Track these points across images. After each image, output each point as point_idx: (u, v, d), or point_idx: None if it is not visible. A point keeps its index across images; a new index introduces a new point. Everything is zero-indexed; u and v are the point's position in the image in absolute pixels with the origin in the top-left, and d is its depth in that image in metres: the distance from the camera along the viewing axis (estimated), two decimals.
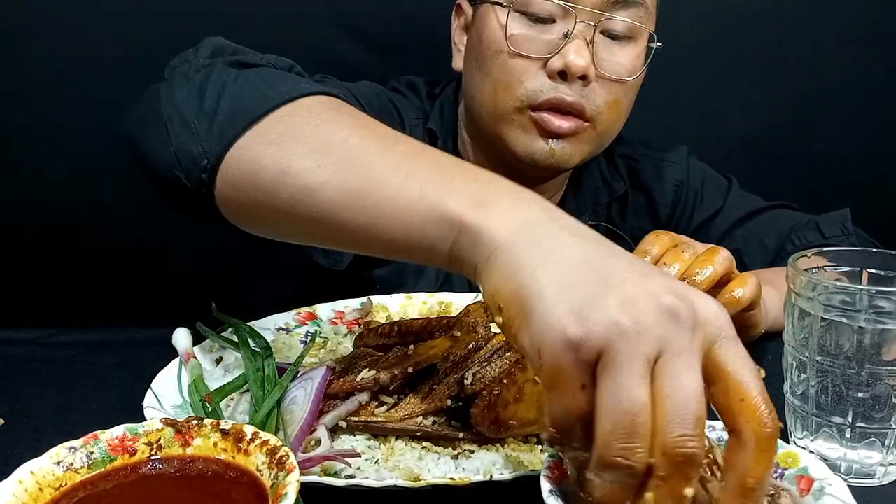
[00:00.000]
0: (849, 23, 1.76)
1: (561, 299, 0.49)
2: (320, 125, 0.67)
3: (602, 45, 1.07)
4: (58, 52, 1.59)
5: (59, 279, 1.70)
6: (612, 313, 0.47)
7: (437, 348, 0.78)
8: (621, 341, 0.47)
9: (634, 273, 0.50)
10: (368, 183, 0.61)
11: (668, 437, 0.46)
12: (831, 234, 1.23)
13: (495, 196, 0.57)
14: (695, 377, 0.47)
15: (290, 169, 0.65)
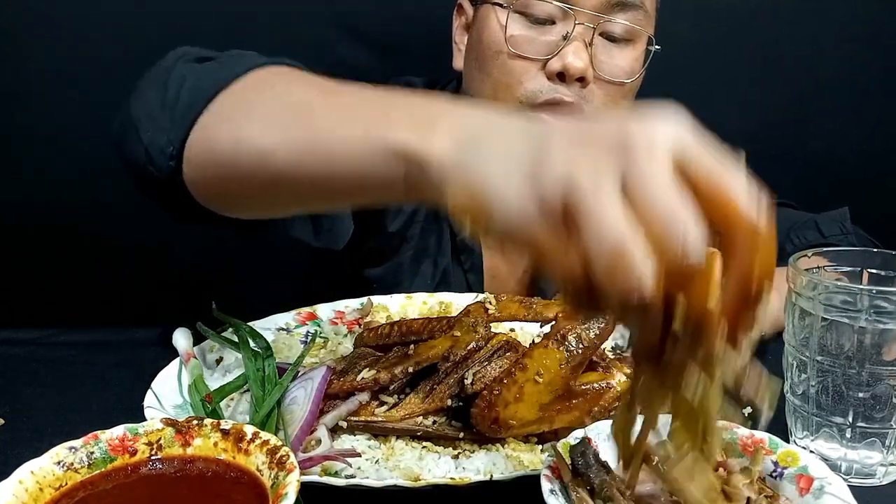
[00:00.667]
0: (846, 22, 1.76)
1: (510, 181, 0.48)
2: (267, 92, 0.71)
3: (601, 47, 1.07)
4: (58, 52, 1.59)
5: (59, 279, 1.70)
6: (560, 167, 0.46)
7: (437, 348, 0.78)
8: (579, 187, 0.45)
9: (573, 126, 0.50)
10: (316, 135, 0.63)
11: (671, 247, 0.44)
12: (830, 232, 1.23)
13: (432, 121, 0.57)
14: (670, 187, 0.45)
15: (243, 137, 0.67)
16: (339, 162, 0.62)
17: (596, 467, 0.62)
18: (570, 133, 0.49)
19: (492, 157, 0.51)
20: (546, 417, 0.75)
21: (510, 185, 0.48)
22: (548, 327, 0.79)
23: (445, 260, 1.23)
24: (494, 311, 0.85)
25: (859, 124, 1.82)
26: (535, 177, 0.47)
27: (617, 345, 0.97)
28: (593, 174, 0.45)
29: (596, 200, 0.45)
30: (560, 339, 0.75)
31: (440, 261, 1.23)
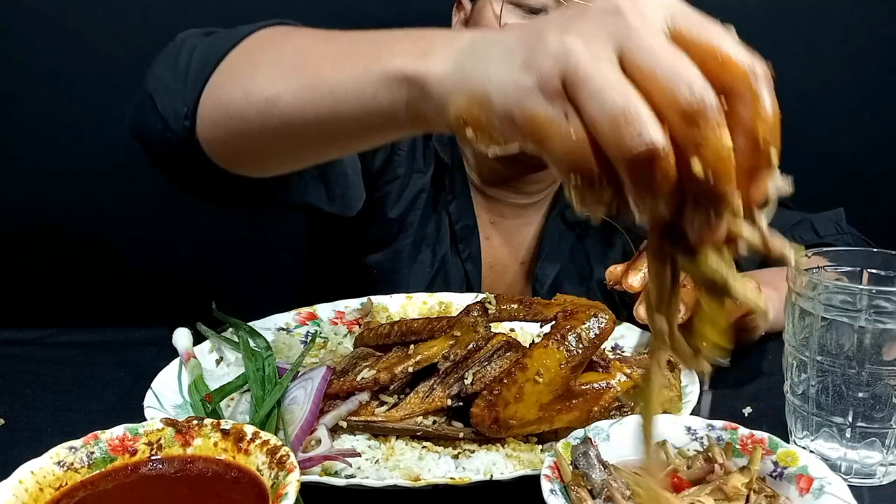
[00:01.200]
0: (846, 23, 1.76)
1: (506, 69, 0.48)
2: (270, 48, 0.75)
3: None
4: (58, 52, 1.59)
5: (59, 279, 1.70)
6: (555, 45, 0.46)
7: (437, 348, 0.78)
8: (576, 57, 0.45)
9: (563, 14, 0.51)
10: (319, 77, 0.66)
11: (683, 97, 0.43)
12: (826, 232, 1.23)
13: (430, 46, 0.58)
14: (667, 46, 0.45)
15: (251, 89, 0.71)
16: (342, 98, 0.63)
17: (597, 467, 0.62)
18: (563, 17, 0.49)
19: (489, 59, 0.51)
20: (546, 417, 0.75)
21: (509, 73, 0.48)
22: (548, 327, 0.79)
23: (444, 248, 1.24)
24: (494, 311, 0.85)
25: (859, 125, 1.82)
26: (532, 58, 0.47)
27: (617, 345, 0.97)
28: (589, 44, 0.45)
29: (595, 67, 0.44)
30: (560, 339, 0.75)
31: (438, 249, 1.24)
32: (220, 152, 0.78)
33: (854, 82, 1.79)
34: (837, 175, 1.84)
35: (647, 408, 0.54)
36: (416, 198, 1.22)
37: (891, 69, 1.79)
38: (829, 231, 1.23)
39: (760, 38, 1.92)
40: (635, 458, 0.68)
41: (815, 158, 1.84)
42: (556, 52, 0.46)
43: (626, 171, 0.45)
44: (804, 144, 1.82)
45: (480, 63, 0.52)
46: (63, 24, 1.59)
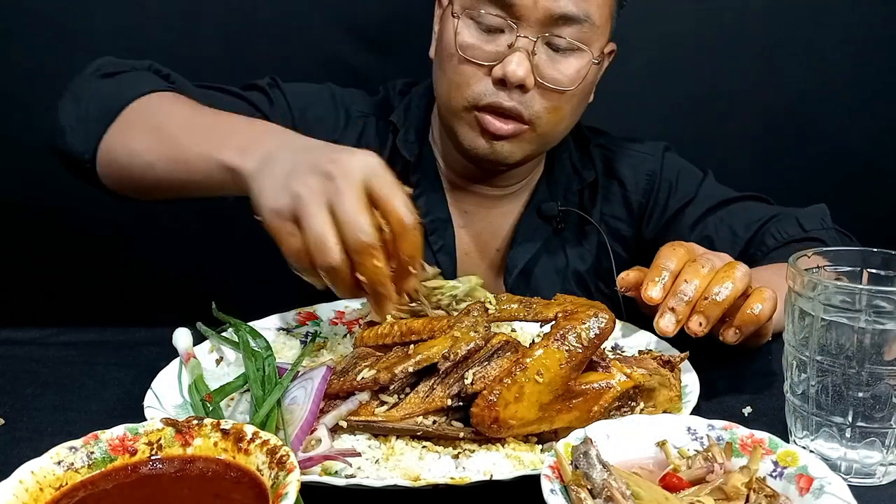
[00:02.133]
0: (846, 23, 1.76)
1: (271, 191, 0.81)
2: (149, 118, 1.02)
3: (545, 56, 1.12)
4: (58, 52, 1.59)
5: (59, 279, 1.70)
6: (293, 189, 0.79)
7: (437, 348, 0.78)
8: (300, 201, 0.78)
9: (309, 160, 0.81)
10: (179, 152, 0.95)
11: (352, 240, 0.77)
12: (811, 227, 1.24)
13: (249, 145, 0.88)
14: (355, 202, 0.77)
15: (134, 153, 1.00)
16: (193, 171, 0.94)
17: (597, 467, 0.62)
18: (305, 166, 0.80)
19: (269, 177, 0.82)
20: (546, 417, 0.75)
21: (272, 195, 0.81)
22: (548, 327, 0.79)
23: None
24: (494, 311, 0.85)
25: (859, 125, 1.82)
26: (283, 191, 0.80)
27: (617, 345, 0.97)
28: (311, 196, 0.78)
29: (308, 210, 0.77)
30: (560, 338, 0.75)
31: None
32: (114, 186, 1.06)
33: (854, 82, 1.79)
34: (837, 174, 1.84)
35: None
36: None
37: (891, 69, 1.79)
38: (815, 226, 1.24)
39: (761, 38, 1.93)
40: (635, 458, 0.68)
41: (815, 158, 1.84)
42: (292, 196, 0.79)
43: (322, 271, 0.79)
44: (804, 144, 1.83)
45: (265, 177, 0.83)
46: (63, 24, 1.59)
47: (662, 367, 0.81)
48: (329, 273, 0.78)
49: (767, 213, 1.28)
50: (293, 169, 0.81)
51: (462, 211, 1.30)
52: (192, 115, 1.01)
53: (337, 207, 0.77)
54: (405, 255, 0.80)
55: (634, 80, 1.74)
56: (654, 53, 1.75)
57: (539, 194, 1.32)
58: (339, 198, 0.77)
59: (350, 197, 0.77)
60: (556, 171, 1.33)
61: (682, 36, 1.75)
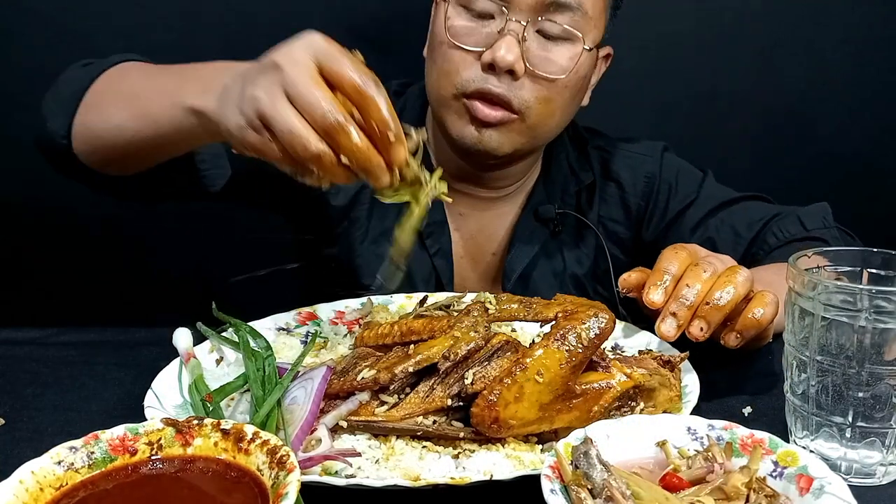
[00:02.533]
0: (846, 23, 1.76)
1: (233, 112, 0.77)
2: (115, 84, 1.03)
3: (536, 43, 1.11)
4: (58, 52, 1.59)
5: (59, 279, 1.70)
6: (248, 95, 0.75)
7: (437, 348, 0.78)
8: (259, 102, 0.74)
9: (255, 65, 0.77)
10: (145, 110, 0.94)
11: (320, 123, 0.72)
12: (813, 226, 1.24)
13: (207, 85, 0.85)
14: (310, 83, 0.73)
15: (104, 119, 1.00)
16: (162, 123, 0.92)
17: (597, 467, 0.62)
18: (254, 71, 0.77)
19: (228, 103, 0.79)
20: (546, 417, 0.75)
21: (234, 116, 0.78)
22: (548, 327, 0.79)
23: None
24: (494, 311, 0.85)
25: (859, 125, 1.82)
26: (240, 106, 0.77)
27: (617, 345, 0.97)
28: (267, 92, 0.74)
29: (270, 109, 0.73)
30: (560, 338, 0.75)
31: None
32: (90, 160, 1.04)
33: (854, 82, 1.79)
34: (837, 174, 1.84)
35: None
36: (358, 192, 1.25)
37: (891, 69, 1.79)
38: (816, 224, 1.24)
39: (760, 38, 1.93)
40: (635, 458, 0.68)
41: (814, 158, 1.84)
42: (250, 99, 0.75)
43: (309, 163, 0.74)
44: (804, 144, 1.83)
45: (225, 107, 0.80)
46: (63, 24, 1.59)
47: (662, 367, 0.81)
48: (316, 163, 0.74)
49: (769, 212, 1.28)
50: (244, 79, 0.78)
51: (457, 213, 1.29)
52: (157, 74, 1.01)
53: (293, 95, 0.73)
54: (376, 122, 0.74)
55: (634, 79, 1.74)
56: (654, 53, 1.75)
57: (536, 196, 1.30)
58: (293, 84, 0.73)
59: (303, 79, 0.73)
60: (553, 172, 1.32)
61: (681, 36, 1.76)
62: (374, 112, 0.74)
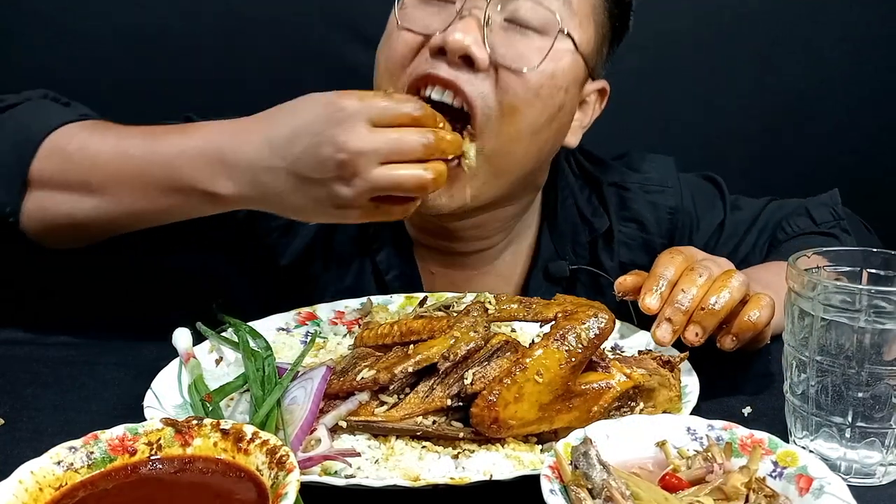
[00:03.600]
0: (844, 23, 1.76)
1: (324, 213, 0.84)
2: (77, 158, 0.90)
3: (503, 30, 0.94)
4: (58, 52, 1.59)
5: (60, 279, 1.69)
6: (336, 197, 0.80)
7: (437, 348, 0.78)
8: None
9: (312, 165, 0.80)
10: (131, 190, 0.88)
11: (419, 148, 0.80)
12: (822, 219, 1.20)
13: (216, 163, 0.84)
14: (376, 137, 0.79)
15: (74, 204, 0.91)
16: (158, 200, 0.88)
17: (597, 467, 0.62)
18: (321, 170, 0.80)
19: (295, 208, 0.84)
20: (546, 417, 0.75)
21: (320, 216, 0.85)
22: (548, 327, 0.79)
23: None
24: (494, 311, 0.85)
25: (858, 124, 1.82)
26: (328, 211, 0.83)
27: (617, 345, 0.97)
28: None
29: (373, 183, 0.80)
30: (560, 339, 0.75)
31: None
32: (42, 240, 0.96)
33: (853, 81, 1.79)
34: (836, 174, 1.84)
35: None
36: (307, 248, 1.14)
37: (890, 68, 1.79)
38: (825, 218, 1.20)
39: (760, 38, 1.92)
40: (635, 458, 0.68)
41: (814, 157, 1.84)
42: (349, 202, 0.81)
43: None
44: (803, 143, 1.83)
45: (287, 208, 0.85)
46: (63, 24, 1.59)
47: (662, 367, 0.81)
48: (433, 184, 0.82)
49: (787, 209, 1.24)
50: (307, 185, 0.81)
51: (428, 272, 1.15)
52: (119, 138, 0.91)
53: (386, 155, 0.79)
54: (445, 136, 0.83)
55: (633, 79, 1.74)
56: (653, 53, 1.75)
57: (543, 251, 1.16)
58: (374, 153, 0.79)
59: (374, 142, 0.79)
60: (561, 223, 1.17)
61: (680, 35, 1.75)
62: (430, 121, 0.82)
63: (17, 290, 1.67)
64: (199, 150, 0.85)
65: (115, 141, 0.90)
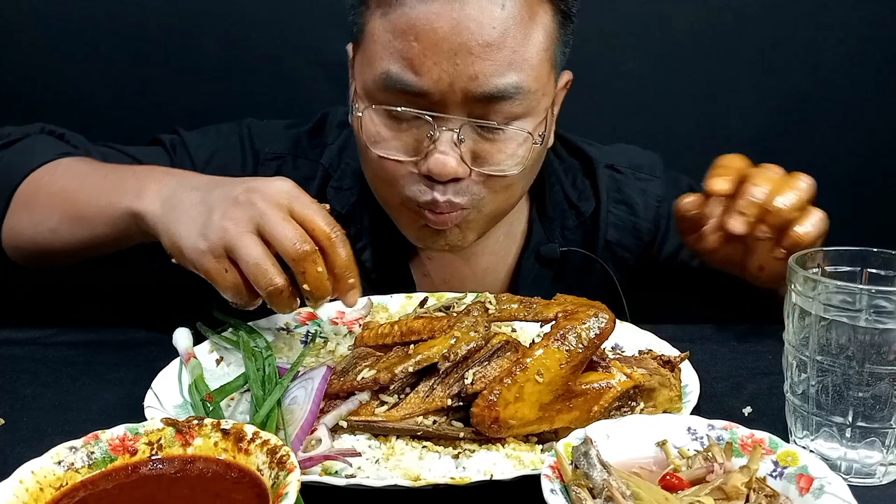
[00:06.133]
0: (845, 24, 1.76)
1: (192, 233, 0.82)
2: (50, 183, 1.01)
3: (475, 138, 0.97)
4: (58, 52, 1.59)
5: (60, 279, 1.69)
6: (219, 224, 0.81)
7: (437, 348, 0.78)
8: (228, 234, 0.80)
9: (223, 195, 0.83)
10: (80, 213, 0.96)
11: (292, 252, 0.79)
12: None
13: (146, 187, 0.90)
14: (284, 220, 0.80)
15: (38, 223, 1.00)
16: (98, 225, 0.95)
17: (597, 467, 0.62)
18: (223, 200, 0.82)
19: (180, 219, 0.84)
20: (546, 417, 0.75)
21: (191, 238, 0.82)
22: (548, 327, 0.79)
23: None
24: (494, 310, 0.85)
25: (859, 125, 1.82)
26: (204, 231, 0.81)
27: (617, 345, 0.97)
28: (237, 224, 0.80)
29: (241, 241, 0.80)
30: (560, 338, 0.75)
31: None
32: (22, 261, 1.07)
33: (853, 82, 1.79)
34: (837, 174, 1.84)
35: None
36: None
37: (890, 69, 1.79)
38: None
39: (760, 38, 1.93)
40: (635, 458, 0.68)
41: (814, 158, 1.84)
42: (220, 229, 0.80)
43: (264, 294, 0.81)
44: (803, 143, 1.83)
45: (175, 220, 0.85)
46: (63, 24, 1.59)
47: (662, 367, 0.81)
48: (271, 294, 0.81)
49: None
50: (211, 206, 0.82)
51: (425, 258, 1.18)
52: (88, 173, 1.00)
53: (268, 229, 0.80)
54: (339, 268, 0.82)
55: (634, 79, 1.74)
56: (654, 53, 1.75)
57: (535, 236, 1.19)
58: (268, 220, 0.80)
59: (278, 217, 0.80)
60: (549, 209, 1.20)
61: (681, 35, 1.76)
62: (338, 259, 0.82)
63: (18, 290, 1.67)
64: (140, 179, 0.93)
65: (77, 174, 1.01)
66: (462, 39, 0.91)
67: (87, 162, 1.05)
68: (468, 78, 0.92)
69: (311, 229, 0.81)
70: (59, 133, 1.13)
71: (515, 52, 0.94)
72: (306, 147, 1.20)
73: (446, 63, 0.92)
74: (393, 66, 0.94)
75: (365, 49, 0.99)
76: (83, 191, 0.98)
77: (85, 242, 0.98)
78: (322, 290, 0.82)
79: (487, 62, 0.92)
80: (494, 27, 0.92)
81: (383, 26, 0.95)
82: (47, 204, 1.00)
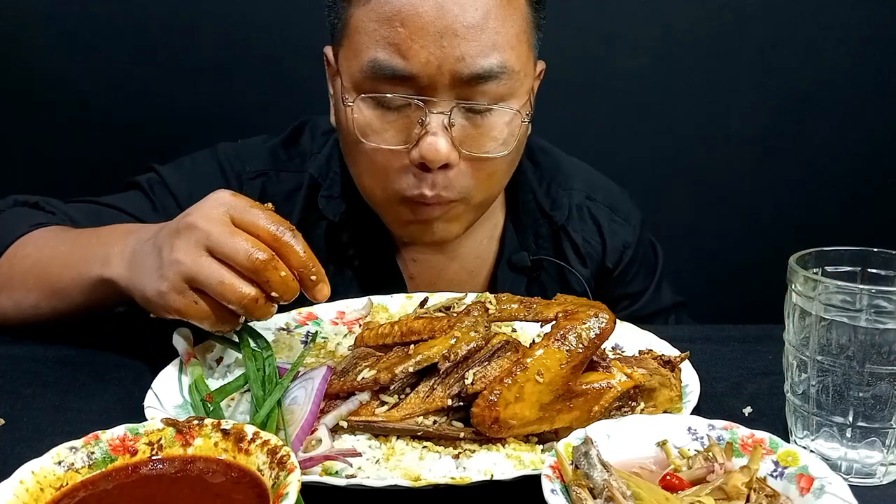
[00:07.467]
0: (844, 24, 1.76)
1: (152, 280, 0.82)
2: (22, 260, 1.02)
3: (464, 122, 0.98)
4: (58, 52, 1.59)
5: None
6: (169, 259, 0.80)
7: (437, 348, 0.78)
8: (183, 266, 0.79)
9: (167, 232, 0.82)
10: (55, 286, 0.97)
11: (248, 264, 0.78)
12: None
13: (110, 252, 0.90)
14: (228, 233, 0.78)
15: (18, 302, 1.01)
16: (74, 296, 0.96)
17: (598, 467, 0.62)
18: (166, 235, 0.82)
19: (143, 273, 0.84)
20: (546, 417, 0.75)
21: (153, 284, 0.82)
22: (548, 327, 0.79)
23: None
24: (494, 311, 0.85)
25: (859, 125, 1.82)
26: (161, 272, 0.81)
27: (617, 345, 0.97)
28: (187, 252, 0.79)
29: (196, 267, 0.78)
30: (561, 338, 0.75)
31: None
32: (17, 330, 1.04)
33: (853, 82, 1.80)
34: (837, 174, 1.84)
35: None
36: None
37: (890, 69, 1.79)
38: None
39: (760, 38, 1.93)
40: (636, 458, 0.68)
41: (814, 158, 1.85)
42: (171, 263, 0.79)
43: (241, 308, 0.80)
44: (803, 144, 1.83)
45: (138, 276, 0.85)
46: (63, 24, 1.59)
47: (663, 367, 0.81)
48: (249, 305, 0.79)
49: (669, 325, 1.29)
50: (159, 247, 0.82)
51: (410, 260, 1.19)
52: (56, 246, 1.01)
53: (214, 247, 0.78)
54: (296, 266, 0.80)
55: (633, 79, 1.75)
56: (654, 53, 1.75)
57: (508, 244, 1.21)
58: (215, 239, 0.78)
59: (224, 232, 0.78)
60: (523, 217, 1.22)
61: (680, 36, 1.76)
62: (293, 257, 0.80)
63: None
64: (104, 245, 0.93)
65: (50, 250, 1.01)
66: (447, 22, 0.93)
67: (56, 231, 1.05)
68: (455, 59, 0.94)
69: (257, 234, 0.79)
70: (32, 202, 1.11)
71: (498, 32, 0.96)
72: (284, 159, 1.22)
73: (433, 46, 0.93)
74: (380, 52, 0.96)
75: (350, 42, 1.00)
76: (53, 264, 0.98)
77: (69, 312, 0.99)
78: (291, 292, 0.81)
79: (473, 43, 0.95)
80: (477, 9, 0.95)
81: (367, 16, 0.97)
82: (23, 282, 1.00)
